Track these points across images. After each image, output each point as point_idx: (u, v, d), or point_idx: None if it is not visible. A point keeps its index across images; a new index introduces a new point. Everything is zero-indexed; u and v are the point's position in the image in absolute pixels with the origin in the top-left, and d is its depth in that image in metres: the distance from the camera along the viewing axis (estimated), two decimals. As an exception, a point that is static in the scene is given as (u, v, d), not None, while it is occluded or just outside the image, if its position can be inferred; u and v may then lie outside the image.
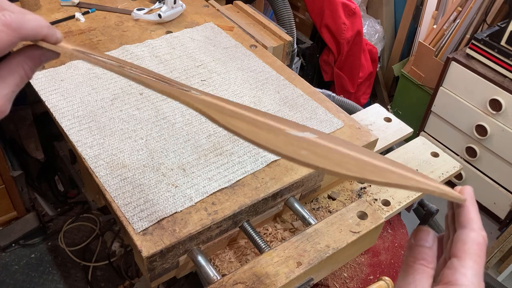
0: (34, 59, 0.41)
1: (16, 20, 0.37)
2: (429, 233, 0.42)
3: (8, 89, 0.39)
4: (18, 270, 1.67)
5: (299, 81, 1.01)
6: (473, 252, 0.38)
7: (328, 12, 1.88)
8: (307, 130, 0.44)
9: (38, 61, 0.42)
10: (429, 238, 0.41)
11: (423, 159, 0.96)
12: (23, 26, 0.37)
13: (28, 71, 0.41)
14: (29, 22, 0.38)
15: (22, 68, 0.40)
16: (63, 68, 0.96)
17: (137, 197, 0.72)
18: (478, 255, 0.38)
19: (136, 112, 0.87)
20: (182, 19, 1.18)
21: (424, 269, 0.40)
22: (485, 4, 1.94)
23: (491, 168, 2.00)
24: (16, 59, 0.40)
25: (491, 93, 1.83)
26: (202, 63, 1.02)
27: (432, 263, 0.40)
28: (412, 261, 0.40)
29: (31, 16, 0.39)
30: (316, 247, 0.70)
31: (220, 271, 0.75)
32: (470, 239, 0.39)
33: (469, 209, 0.41)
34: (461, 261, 0.38)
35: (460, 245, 0.39)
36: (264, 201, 0.76)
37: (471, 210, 0.41)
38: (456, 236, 0.40)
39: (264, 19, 1.24)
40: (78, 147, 0.79)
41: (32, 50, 0.41)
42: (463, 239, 0.39)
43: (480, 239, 0.39)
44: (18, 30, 0.37)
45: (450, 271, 0.38)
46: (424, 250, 0.41)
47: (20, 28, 0.37)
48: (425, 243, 0.41)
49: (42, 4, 1.18)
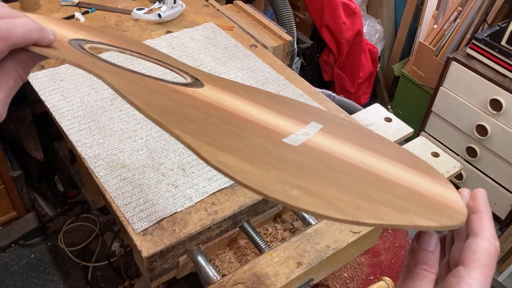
0: (27, 61, 0.40)
1: (4, 28, 0.35)
2: (432, 237, 0.40)
3: (2, 94, 0.37)
4: (18, 270, 1.67)
5: (299, 81, 1.00)
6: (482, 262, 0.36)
7: (328, 11, 1.88)
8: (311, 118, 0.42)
9: (31, 62, 0.40)
10: (432, 242, 0.40)
11: (424, 159, 0.96)
12: (11, 34, 0.36)
13: (22, 74, 0.39)
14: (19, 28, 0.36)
15: (16, 71, 0.39)
16: (63, 68, 0.96)
17: (137, 197, 0.72)
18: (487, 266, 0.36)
19: (136, 112, 0.87)
20: (182, 19, 1.18)
21: (425, 274, 0.38)
22: (486, 4, 1.93)
23: (491, 168, 2.00)
24: (9, 63, 0.38)
25: (492, 93, 1.83)
26: (202, 63, 1.02)
27: (434, 267, 0.39)
28: (414, 265, 0.39)
29: (21, 21, 0.37)
30: (316, 247, 0.70)
31: (220, 271, 0.75)
32: (481, 249, 0.37)
33: (483, 215, 0.39)
34: (468, 271, 0.36)
35: (470, 254, 0.37)
36: (264, 201, 0.75)
37: (485, 217, 0.39)
38: (467, 244, 0.38)
39: (264, 19, 1.24)
40: (78, 147, 0.79)
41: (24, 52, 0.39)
42: (473, 248, 0.37)
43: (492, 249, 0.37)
44: (6, 39, 0.35)
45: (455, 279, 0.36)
46: (427, 254, 0.39)
47: (9, 36, 0.35)
48: (428, 247, 0.40)
49: (42, 3, 1.18)
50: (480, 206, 0.40)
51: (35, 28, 0.38)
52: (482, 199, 0.40)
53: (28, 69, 0.40)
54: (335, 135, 0.43)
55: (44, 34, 0.39)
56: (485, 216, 0.39)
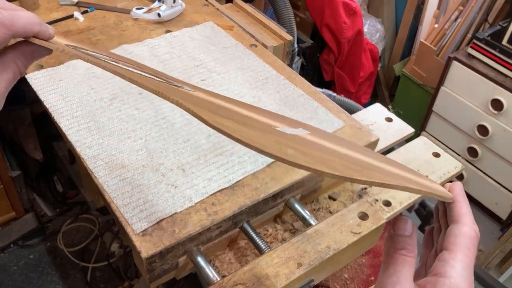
0: (26, 55, 0.42)
1: (7, 17, 0.37)
2: (407, 222, 0.42)
3: (1, 85, 0.39)
4: (17, 271, 1.67)
5: (299, 81, 1.00)
6: (464, 245, 0.39)
7: (328, 11, 1.87)
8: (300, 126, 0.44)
9: (30, 57, 0.42)
10: (407, 227, 0.41)
11: (424, 159, 0.96)
12: (14, 23, 0.38)
13: (21, 67, 0.41)
14: (20, 18, 0.38)
15: (15, 63, 0.41)
16: (62, 68, 0.95)
17: (136, 197, 0.72)
18: (468, 248, 0.39)
19: (135, 112, 0.87)
20: (181, 18, 1.18)
21: (405, 258, 0.40)
22: (487, 4, 1.93)
23: (492, 169, 2.00)
24: (9, 55, 0.40)
25: (493, 93, 1.83)
26: (202, 62, 1.01)
27: (413, 252, 0.40)
28: (393, 252, 0.41)
29: (22, 13, 0.39)
30: (316, 248, 0.70)
31: (220, 272, 0.75)
32: (461, 233, 0.39)
33: (461, 204, 0.42)
34: (451, 254, 0.38)
35: (452, 239, 0.39)
36: (264, 201, 0.75)
37: (463, 205, 0.42)
38: (448, 230, 0.40)
39: (264, 18, 1.23)
40: (77, 147, 0.79)
41: (24, 46, 0.41)
42: (455, 233, 0.40)
43: (472, 233, 0.40)
44: (9, 27, 0.37)
45: (440, 263, 0.38)
46: (404, 239, 0.41)
47: (11, 25, 0.37)
48: (404, 232, 0.41)
49: (41, 3, 1.18)
50: (457, 196, 0.42)
51: (36, 21, 0.40)
52: (458, 190, 0.43)
53: (27, 63, 0.42)
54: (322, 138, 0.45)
55: (44, 28, 0.42)
56: (463, 204, 0.42)
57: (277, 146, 0.36)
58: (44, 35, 0.41)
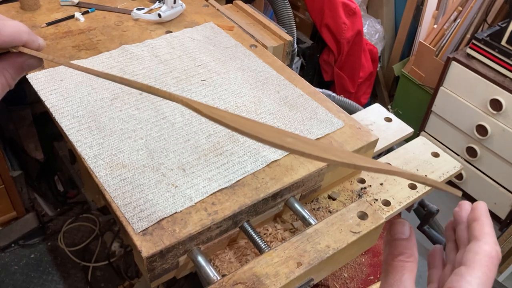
0: (15, 67, 0.40)
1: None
2: (404, 224, 0.41)
3: None
4: (18, 270, 1.67)
5: (299, 81, 1.00)
6: (484, 263, 0.37)
7: (328, 11, 1.88)
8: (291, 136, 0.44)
9: (20, 69, 0.41)
10: (404, 230, 0.40)
11: (424, 159, 0.96)
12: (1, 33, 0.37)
13: (10, 79, 0.40)
14: (8, 27, 0.38)
15: (3, 76, 0.39)
16: (63, 68, 0.95)
17: (136, 197, 0.72)
18: (488, 267, 0.37)
19: (135, 112, 0.87)
20: (182, 18, 1.18)
21: (403, 265, 0.39)
22: (486, 4, 1.93)
23: (491, 168, 2.00)
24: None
25: (492, 93, 1.83)
26: (202, 62, 1.02)
27: (412, 255, 0.39)
28: (391, 259, 0.40)
29: (10, 22, 0.38)
30: (316, 247, 0.70)
31: (220, 271, 0.75)
32: (482, 251, 0.38)
33: (484, 223, 0.40)
34: (469, 270, 0.37)
35: (471, 255, 0.38)
36: (264, 201, 0.75)
37: (486, 224, 0.40)
38: (469, 247, 0.39)
39: (264, 18, 1.24)
40: (78, 147, 0.79)
41: (13, 57, 0.40)
42: (475, 250, 0.38)
43: (493, 253, 0.38)
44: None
45: (456, 277, 0.37)
46: (402, 243, 0.40)
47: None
48: (402, 235, 0.40)
49: (42, 3, 1.18)
50: (481, 215, 0.41)
51: (24, 30, 0.39)
52: (482, 209, 0.42)
53: (16, 76, 0.41)
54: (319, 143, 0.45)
55: (34, 37, 0.40)
56: (486, 223, 0.41)
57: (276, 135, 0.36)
58: (33, 45, 0.40)
